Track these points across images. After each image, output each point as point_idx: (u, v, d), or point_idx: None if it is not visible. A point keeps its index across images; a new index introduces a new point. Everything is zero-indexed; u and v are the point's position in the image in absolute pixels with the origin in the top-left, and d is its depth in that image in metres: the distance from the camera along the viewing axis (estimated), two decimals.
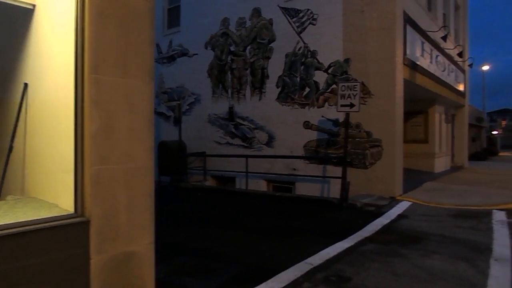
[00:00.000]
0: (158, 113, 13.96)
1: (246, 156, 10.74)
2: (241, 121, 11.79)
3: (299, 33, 10.53)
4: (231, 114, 12.03)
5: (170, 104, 13.84)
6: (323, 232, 5.90)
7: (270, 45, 11.17)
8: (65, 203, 2.53)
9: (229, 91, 12.17)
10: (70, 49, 2.49)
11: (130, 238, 2.67)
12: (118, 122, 2.59)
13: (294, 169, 10.33)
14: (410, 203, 8.13)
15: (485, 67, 36.31)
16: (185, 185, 11.39)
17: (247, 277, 3.92)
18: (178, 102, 13.05)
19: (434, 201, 8.19)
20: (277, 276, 3.87)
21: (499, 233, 5.67)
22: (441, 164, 14.95)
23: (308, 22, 10.39)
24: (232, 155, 11.52)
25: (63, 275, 2.31)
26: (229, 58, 12.20)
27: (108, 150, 2.53)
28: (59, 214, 2.43)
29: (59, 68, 2.77)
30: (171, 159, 11.97)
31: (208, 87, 12.70)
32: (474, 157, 23.75)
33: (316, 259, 4.40)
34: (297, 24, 10.60)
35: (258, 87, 11.42)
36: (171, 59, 13.91)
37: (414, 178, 11.19)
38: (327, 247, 4.87)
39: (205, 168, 12.35)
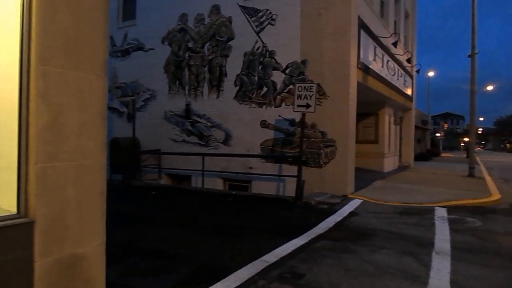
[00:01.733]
0: (110, 109, 13.42)
1: (203, 154, 10.64)
2: (198, 119, 11.65)
3: (258, 33, 10.58)
4: (188, 112, 11.85)
5: (124, 100, 13.36)
6: (278, 230, 5.99)
7: (228, 43, 11.13)
8: (7, 203, 2.35)
9: (186, 88, 11.98)
10: (15, 38, 2.32)
11: (79, 239, 2.54)
12: (68, 117, 2.45)
13: (251, 168, 10.39)
14: (361, 201, 8.48)
15: (431, 73, 38.74)
16: (138, 183, 11.06)
17: (201, 277, 3.89)
18: (132, 97, 12.63)
19: (383, 199, 8.60)
20: (232, 274, 3.87)
21: (440, 228, 6.08)
22: (389, 163, 15.75)
23: (267, 22, 10.48)
24: (188, 153, 11.36)
25: (3, 280, 2.15)
26: (186, 55, 12.00)
27: (57, 147, 2.40)
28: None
29: (2, 59, 2.57)
30: (123, 156, 11.57)
31: (164, 83, 12.41)
32: (419, 157, 25.25)
33: (271, 257, 4.46)
34: (256, 24, 10.65)
35: (216, 85, 11.34)
36: (126, 52, 13.42)
37: (365, 177, 11.68)
38: (282, 244, 4.96)
39: (160, 166, 12.06)
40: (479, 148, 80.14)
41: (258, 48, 10.58)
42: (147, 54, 12.84)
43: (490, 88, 48.23)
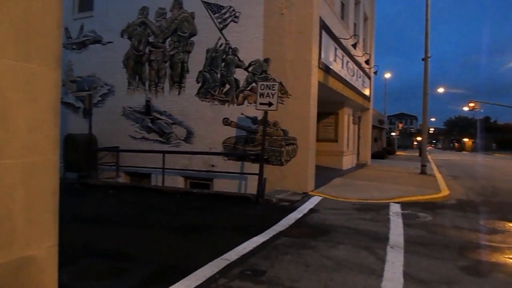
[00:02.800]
0: (65, 104, 12.78)
1: (163, 152, 10.42)
2: (158, 116, 11.38)
3: (221, 30, 10.50)
4: (148, 108, 11.55)
5: (80, 95, 12.76)
6: (240, 227, 5.99)
7: (191, 39, 10.96)
8: None
9: (147, 83, 11.65)
10: None
11: (28, 242, 2.39)
12: (16, 111, 2.30)
13: (213, 166, 10.32)
14: (321, 198, 8.69)
15: (387, 75, 40.41)
16: (94, 182, 10.63)
17: (162, 277, 3.81)
18: (89, 92, 12.11)
19: (341, 196, 8.86)
20: (193, 273, 3.83)
21: (395, 223, 6.36)
22: (348, 161, 16.26)
23: (230, 19, 10.42)
24: (148, 151, 11.07)
25: None
26: (147, 49, 11.68)
27: (4, 143, 2.24)
28: None
29: None
30: (79, 154, 11.08)
31: (123, 78, 12.00)
32: (376, 155, 26.27)
33: (232, 255, 4.45)
34: (219, 20, 10.56)
35: (178, 81, 11.13)
36: (82, 45, 12.82)
37: (324, 174, 11.98)
38: (243, 242, 4.96)
39: (118, 164, 11.67)
40: (430, 147, 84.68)
41: (221, 45, 10.51)
42: (105, 48, 12.35)
43: (441, 90, 51.05)
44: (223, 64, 10.45)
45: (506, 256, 4.73)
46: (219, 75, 10.50)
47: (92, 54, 12.55)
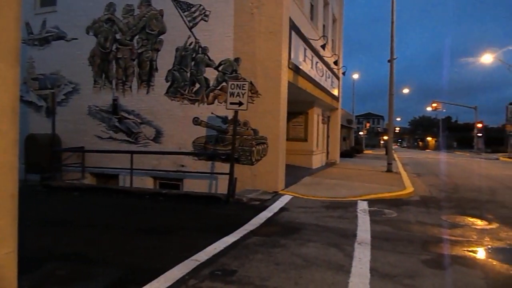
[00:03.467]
0: (26, 102, 12.23)
1: (131, 152, 10.18)
2: (126, 115, 11.10)
3: (190, 28, 10.39)
4: (115, 107, 11.24)
5: (42, 93, 12.25)
6: (210, 228, 5.96)
7: (159, 37, 10.78)
8: None
9: (113, 82, 11.35)
10: None
11: None
12: None
13: (182, 166, 10.19)
14: (291, 196, 8.78)
15: (355, 76, 41.44)
16: (58, 183, 10.23)
17: (130, 280, 3.72)
18: (52, 90, 11.63)
19: (311, 194, 9.00)
20: (162, 275, 3.77)
21: (362, 220, 6.53)
22: (318, 160, 16.54)
23: (200, 17, 10.33)
24: (115, 151, 10.77)
25: None
26: (114, 47, 11.37)
27: None
28: None
29: None
30: (41, 154, 10.63)
31: (89, 76, 11.61)
32: (344, 154, 26.85)
33: (203, 255, 4.42)
34: (189, 19, 10.44)
35: (146, 79, 10.91)
36: (44, 41, 12.30)
37: (295, 173, 12.12)
38: (213, 242, 4.94)
39: (84, 165, 11.29)
40: (396, 146, 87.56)
41: (190, 44, 10.39)
42: (70, 44, 11.90)
43: (406, 91, 52.83)
44: (193, 63, 10.35)
45: (465, 249, 4.97)
46: (188, 74, 10.38)
47: (55, 51, 12.06)
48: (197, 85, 10.28)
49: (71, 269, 4.01)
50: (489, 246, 5.16)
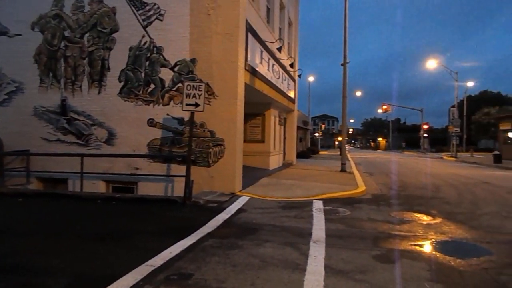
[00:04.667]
0: None
1: (82, 155, 9.70)
2: (76, 116, 10.58)
3: (145, 27, 10.13)
4: (64, 108, 10.68)
5: None
6: (166, 231, 5.83)
7: (112, 36, 10.40)
8: None
9: (62, 81, 10.77)
10: None
11: None
12: None
13: (137, 168, 9.89)
14: (248, 197, 8.81)
15: (311, 78, 42.50)
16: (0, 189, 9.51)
17: None
18: None
19: (268, 195, 9.09)
20: (114, 283, 3.63)
21: (317, 219, 6.69)
22: (275, 161, 16.75)
23: (155, 16, 10.10)
24: (64, 154, 10.22)
25: None
26: (62, 44, 10.81)
27: None
28: None
29: None
30: None
31: (34, 75, 10.93)
32: (301, 155, 27.43)
33: (158, 260, 4.31)
34: (143, 17, 10.17)
35: (98, 79, 10.47)
36: None
37: (252, 174, 12.19)
38: (169, 246, 4.84)
39: (29, 169, 10.60)
40: (349, 146, 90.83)
41: (145, 43, 10.13)
42: (13, 41, 11.14)
43: (359, 94, 54.88)
44: (147, 63, 10.09)
45: (412, 243, 5.26)
46: (143, 74, 10.10)
47: None
48: (152, 86, 10.03)
49: (15, 281, 3.74)
50: (434, 240, 5.50)
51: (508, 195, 10.32)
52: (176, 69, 9.86)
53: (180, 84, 9.65)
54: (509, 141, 29.03)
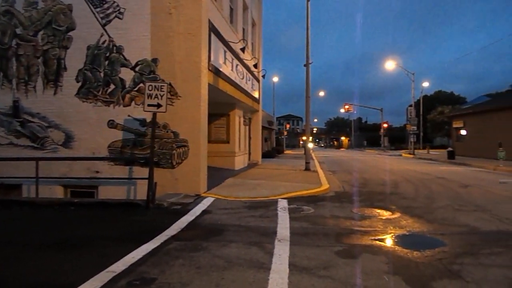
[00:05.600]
0: None
1: (36, 159, 9.20)
2: (30, 118, 10.04)
3: (103, 25, 9.81)
4: (16, 109, 10.11)
5: None
6: (128, 236, 5.67)
7: (68, 34, 9.99)
8: None
9: (14, 81, 10.21)
10: None
11: None
12: None
13: (97, 172, 9.54)
14: (214, 198, 8.76)
15: (275, 79, 42.91)
16: None
17: None
18: None
19: (233, 195, 9.08)
20: None
21: (282, 218, 6.77)
22: (240, 162, 16.76)
23: (114, 15, 9.81)
24: (17, 158, 9.67)
25: None
26: (14, 42, 10.24)
27: None
28: None
29: None
30: None
31: None
32: (266, 155, 27.61)
33: (119, 266, 4.18)
34: (101, 15, 9.85)
35: (53, 79, 10.01)
36: None
37: (217, 175, 12.13)
38: (132, 251, 4.71)
39: None
40: (314, 145, 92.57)
41: (104, 42, 9.81)
42: None
43: (322, 94, 55.99)
44: (106, 62, 9.77)
45: (372, 238, 5.45)
46: (102, 74, 9.77)
47: None
48: (112, 86, 9.73)
49: None
50: (392, 234, 5.73)
51: (460, 189, 10.94)
52: (137, 69, 9.62)
53: (141, 85, 9.43)
54: (461, 138, 30.80)
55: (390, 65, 38.19)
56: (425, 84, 48.59)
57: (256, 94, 18.74)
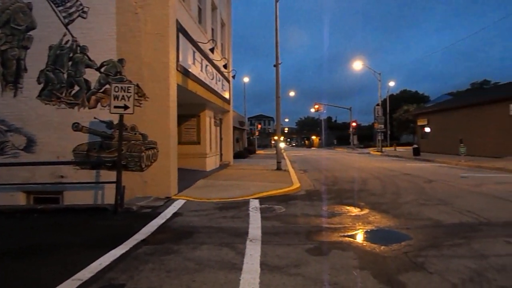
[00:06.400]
0: None
1: None
2: None
3: (66, 25, 9.47)
4: None
5: None
6: (96, 242, 5.50)
7: (28, 33, 9.56)
8: None
9: None
10: None
11: None
12: None
13: (62, 177, 9.19)
14: (185, 201, 8.65)
15: (246, 79, 42.97)
16: None
17: None
18: None
19: (205, 197, 9.00)
20: None
21: (254, 218, 6.78)
22: (211, 163, 16.64)
23: (77, 14, 9.49)
24: None
25: None
26: None
27: None
28: None
29: None
30: None
31: None
32: (238, 155, 27.59)
33: (86, 273, 4.05)
34: (64, 14, 9.50)
35: (12, 81, 9.56)
36: None
37: (188, 177, 11.99)
38: (99, 257, 4.57)
39: None
40: (285, 145, 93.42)
41: (67, 42, 9.47)
42: None
43: (292, 94, 56.55)
44: (70, 63, 9.44)
45: (342, 235, 5.56)
46: (65, 75, 9.43)
47: None
48: (76, 88, 9.41)
49: None
50: (361, 230, 5.87)
51: (424, 184, 11.37)
52: (102, 70, 9.35)
53: (107, 86, 9.18)
54: (426, 136, 32.04)
55: (357, 65, 39.15)
56: (391, 83, 50.16)
57: (226, 95, 18.68)
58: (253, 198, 8.89)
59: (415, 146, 28.21)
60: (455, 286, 3.60)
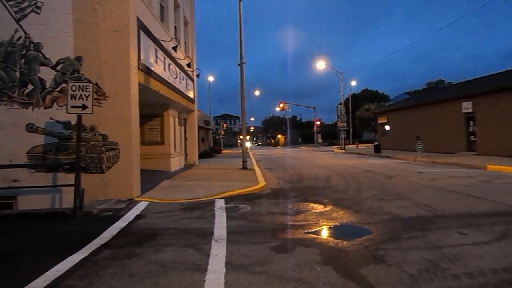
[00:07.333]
0: None
1: None
2: None
3: (18, 20, 8.96)
4: None
5: None
6: (53, 248, 5.24)
7: None
8: None
9: None
10: None
11: None
12: None
13: (15, 181, 8.69)
14: (148, 202, 8.45)
15: (211, 78, 42.71)
16: None
17: None
18: None
19: (169, 198, 8.85)
20: None
21: (219, 218, 6.75)
22: (176, 163, 16.39)
23: (30, 9, 9.01)
24: None
25: None
26: None
27: None
28: None
29: None
30: None
31: None
32: (204, 155, 27.35)
33: (41, 281, 3.86)
34: (15, 9, 8.98)
35: None
36: None
37: (152, 178, 11.73)
38: (56, 264, 4.37)
39: None
40: (251, 144, 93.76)
41: (19, 39, 8.96)
42: None
43: (257, 93, 56.85)
44: (23, 60, 8.94)
45: (306, 231, 5.66)
46: (18, 74, 8.93)
47: None
48: (30, 87, 8.93)
49: None
50: (325, 226, 6.00)
51: (384, 180, 11.81)
52: (58, 68, 8.94)
53: (64, 85, 8.78)
54: (386, 133, 33.28)
55: (321, 65, 39.99)
56: (353, 83, 51.76)
57: (191, 94, 18.45)
58: (218, 198, 8.85)
59: (376, 143, 29.21)
60: (412, 276, 3.77)
